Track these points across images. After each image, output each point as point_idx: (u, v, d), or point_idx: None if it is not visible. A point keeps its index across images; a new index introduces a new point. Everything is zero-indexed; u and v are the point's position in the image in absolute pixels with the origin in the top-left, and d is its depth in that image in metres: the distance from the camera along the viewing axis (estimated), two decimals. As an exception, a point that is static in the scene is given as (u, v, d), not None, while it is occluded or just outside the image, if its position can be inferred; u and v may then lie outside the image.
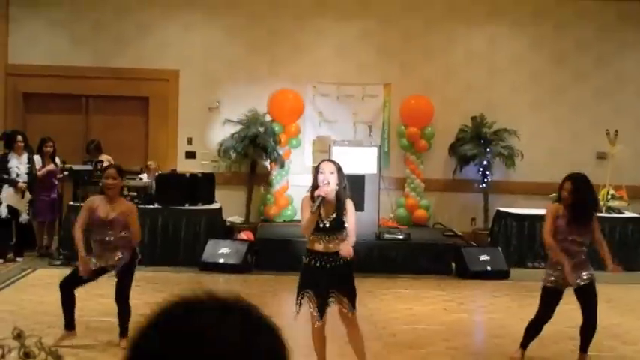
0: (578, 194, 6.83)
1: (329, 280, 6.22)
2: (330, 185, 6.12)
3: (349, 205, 6.30)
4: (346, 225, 6.23)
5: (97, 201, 7.28)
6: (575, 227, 6.85)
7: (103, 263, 7.20)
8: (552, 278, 6.94)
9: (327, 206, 6.18)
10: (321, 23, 14.37)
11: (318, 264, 6.22)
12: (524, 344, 7.22)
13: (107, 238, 7.18)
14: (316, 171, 6.29)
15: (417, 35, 14.36)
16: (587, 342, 7.14)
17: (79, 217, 7.34)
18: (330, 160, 6.50)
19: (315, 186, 6.19)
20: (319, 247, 6.23)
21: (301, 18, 14.28)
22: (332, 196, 6.14)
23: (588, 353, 7.23)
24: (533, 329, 7.14)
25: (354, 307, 6.29)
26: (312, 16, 14.30)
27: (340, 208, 6.21)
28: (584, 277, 6.90)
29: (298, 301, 6.28)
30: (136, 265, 7.40)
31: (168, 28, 14.26)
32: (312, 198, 6.14)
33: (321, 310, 6.22)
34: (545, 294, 7.03)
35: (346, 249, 6.11)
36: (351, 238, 6.22)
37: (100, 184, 7.44)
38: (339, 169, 6.27)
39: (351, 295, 6.30)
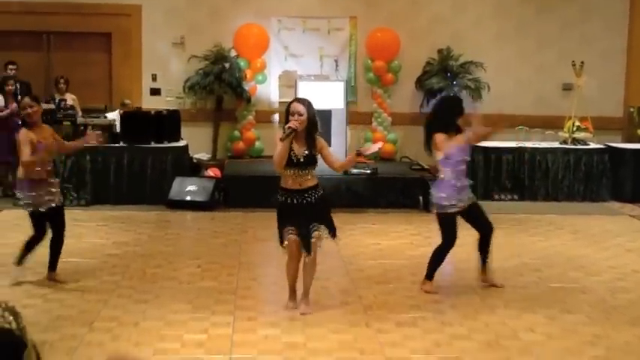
0: None
1: (308, 215, 6.34)
2: (300, 124, 6.21)
3: (320, 140, 6.42)
4: (329, 158, 6.47)
5: (30, 133, 7.18)
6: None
7: (50, 196, 7.25)
8: (459, 204, 7.09)
9: (298, 142, 6.26)
10: (285, -45, 14.15)
11: (295, 201, 6.30)
12: (430, 275, 7.31)
13: (48, 168, 7.28)
14: (287, 112, 6.33)
15: (382, -33, 14.20)
16: (487, 254, 7.38)
17: (26, 149, 7.06)
18: (299, 100, 6.49)
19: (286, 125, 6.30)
20: (293, 184, 6.33)
21: (265, -50, 14.04)
22: (302, 129, 6.25)
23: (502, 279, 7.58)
24: (441, 258, 7.28)
25: (334, 234, 6.50)
26: (276, -52, 14.07)
27: (311, 143, 6.27)
28: (470, 196, 7.19)
29: (284, 239, 6.38)
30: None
31: (129, -39, 13.98)
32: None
33: (307, 246, 6.36)
34: (449, 221, 7.16)
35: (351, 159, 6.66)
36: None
37: (22, 116, 7.42)
38: (309, 106, 6.34)
39: (329, 224, 6.46)
